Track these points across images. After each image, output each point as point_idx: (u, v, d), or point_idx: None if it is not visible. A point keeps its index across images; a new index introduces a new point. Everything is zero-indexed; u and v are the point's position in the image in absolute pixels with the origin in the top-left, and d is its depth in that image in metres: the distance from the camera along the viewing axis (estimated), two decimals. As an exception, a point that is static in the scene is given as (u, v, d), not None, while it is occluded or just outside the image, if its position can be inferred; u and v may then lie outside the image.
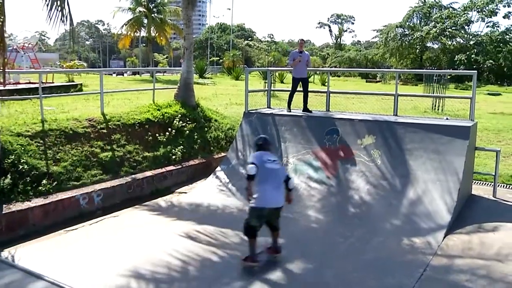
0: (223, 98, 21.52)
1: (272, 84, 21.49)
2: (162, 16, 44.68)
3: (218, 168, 10.82)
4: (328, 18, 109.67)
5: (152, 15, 44.65)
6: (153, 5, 45.35)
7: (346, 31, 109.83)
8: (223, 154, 12.15)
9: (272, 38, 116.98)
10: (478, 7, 66.69)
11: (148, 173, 10.50)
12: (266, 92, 13.31)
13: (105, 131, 10.78)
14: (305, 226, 8.15)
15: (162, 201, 9.70)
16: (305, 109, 11.59)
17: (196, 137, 12.39)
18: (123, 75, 50.61)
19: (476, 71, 10.67)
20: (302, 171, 9.87)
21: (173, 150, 11.48)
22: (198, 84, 28.95)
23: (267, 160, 6.42)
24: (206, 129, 13.07)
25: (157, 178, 10.57)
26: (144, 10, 44.35)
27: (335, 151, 9.94)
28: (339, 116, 10.85)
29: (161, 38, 44.27)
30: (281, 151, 10.46)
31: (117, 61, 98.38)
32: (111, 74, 44.78)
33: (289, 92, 11.96)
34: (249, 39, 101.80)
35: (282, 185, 6.46)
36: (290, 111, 11.54)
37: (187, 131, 12.32)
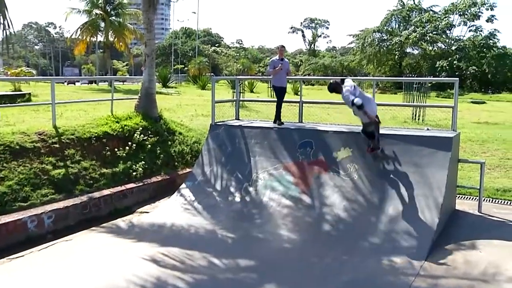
0: (188, 109, 21.48)
1: (241, 94, 21.76)
2: (121, 20, 44.28)
3: (183, 185, 10.77)
4: (301, 23, 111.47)
5: (110, 18, 44.27)
6: (111, 7, 45.05)
7: (320, 36, 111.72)
8: (188, 169, 12.10)
9: (241, 44, 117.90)
10: (459, 10, 68.39)
11: (106, 192, 10.36)
12: (234, 102, 13.37)
13: (57, 145, 10.59)
14: (277, 246, 8.16)
15: (121, 222, 9.58)
16: (280, 121, 11.66)
17: (159, 151, 12.32)
18: (74, 84, 49.87)
19: (458, 79, 10.94)
20: (274, 187, 9.90)
21: (134, 166, 11.37)
22: (161, 94, 28.79)
23: (359, 93, 9.48)
24: (169, 142, 13.02)
25: (116, 197, 10.44)
26: (101, 12, 44.02)
27: (308, 165, 10.01)
28: (313, 128, 10.97)
29: (120, 43, 43.93)
30: (251, 166, 10.48)
31: (71, 68, 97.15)
32: (63, 83, 44.06)
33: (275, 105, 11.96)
34: (216, 45, 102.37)
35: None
36: (282, 123, 11.54)
37: (149, 145, 12.24)
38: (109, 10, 44.65)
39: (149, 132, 12.65)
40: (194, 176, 10.91)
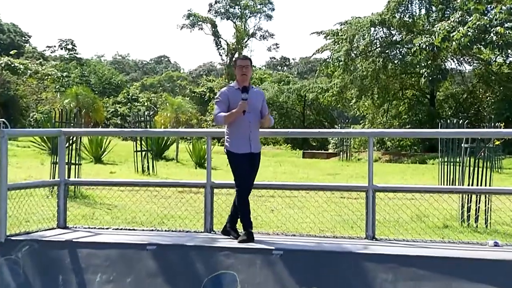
0: None
1: (74, 168, 21.50)
2: None
3: None
4: (211, 6, 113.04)
5: None
6: None
7: (253, 35, 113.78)
8: None
9: (73, 51, 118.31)
10: None
11: None
12: (57, 187, 13.39)
13: None
14: None
15: None
16: (244, 229, 11.68)
17: None
18: None
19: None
20: None
21: None
22: None
23: None
24: None
25: None
26: None
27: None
28: (237, 245, 11.12)
29: None
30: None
31: None
32: None
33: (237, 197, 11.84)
34: (13, 51, 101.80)
35: None
36: (247, 238, 11.47)
37: None
38: None
39: None
40: None
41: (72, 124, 23.56)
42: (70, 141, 21.31)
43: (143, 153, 34.64)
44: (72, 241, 11.59)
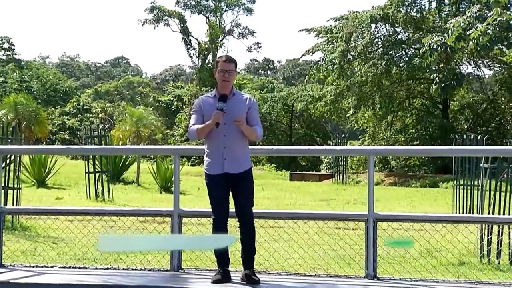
0: None
1: (15, 193, 21.42)
2: None
3: None
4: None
5: None
6: None
7: (230, 33, 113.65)
8: None
9: (11, 51, 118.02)
10: None
11: None
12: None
13: None
14: None
15: None
16: (249, 273, 11.70)
17: None
18: None
19: None
20: None
21: None
22: None
23: None
24: None
25: None
26: None
27: None
28: (211, 285, 11.06)
29: None
30: None
31: None
32: None
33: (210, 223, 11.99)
34: None
35: None
36: (222, 277, 11.51)
37: None
38: None
39: None
40: None
41: (9, 140, 23.33)
42: (7, 161, 21.20)
43: (97, 175, 34.12)
44: (9, 282, 11.53)
